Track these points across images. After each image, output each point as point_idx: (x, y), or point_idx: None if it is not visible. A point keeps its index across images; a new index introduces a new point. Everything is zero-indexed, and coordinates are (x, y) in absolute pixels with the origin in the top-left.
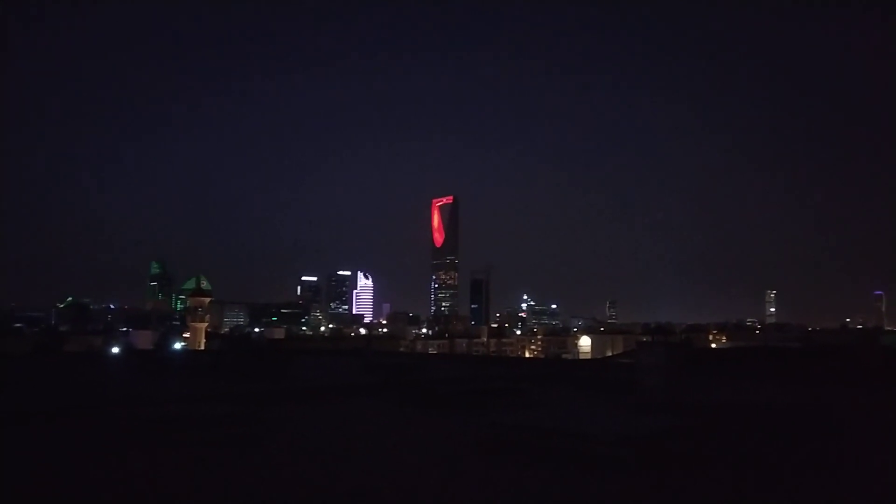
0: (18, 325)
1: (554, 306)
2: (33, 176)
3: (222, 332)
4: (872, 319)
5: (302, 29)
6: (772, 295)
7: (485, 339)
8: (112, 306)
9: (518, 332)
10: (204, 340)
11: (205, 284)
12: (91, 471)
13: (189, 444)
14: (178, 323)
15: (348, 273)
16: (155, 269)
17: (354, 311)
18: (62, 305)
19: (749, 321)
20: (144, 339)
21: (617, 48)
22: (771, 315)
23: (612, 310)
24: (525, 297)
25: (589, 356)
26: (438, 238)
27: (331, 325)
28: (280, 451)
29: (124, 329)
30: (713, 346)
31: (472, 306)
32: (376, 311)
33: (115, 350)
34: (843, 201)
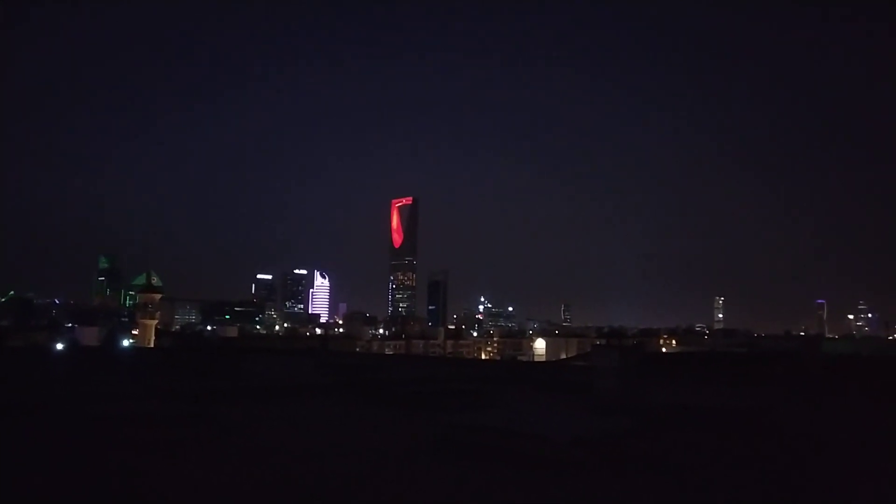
0: None
1: (510, 309)
2: None
3: (173, 329)
4: (814, 327)
5: (262, 29)
6: (720, 301)
7: (441, 341)
8: (57, 301)
9: (475, 334)
10: (154, 338)
11: (155, 280)
12: (40, 471)
13: (142, 443)
14: (126, 320)
15: (305, 272)
16: (103, 263)
17: (310, 311)
18: (3, 299)
19: (698, 326)
20: (91, 336)
21: (574, 51)
22: (719, 321)
23: (566, 313)
24: (482, 299)
25: (544, 358)
26: (397, 239)
27: (286, 325)
28: (235, 451)
29: (69, 325)
30: (664, 350)
31: (430, 307)
32: (332, 311)
33: (60, 346)
34: (789, 213)
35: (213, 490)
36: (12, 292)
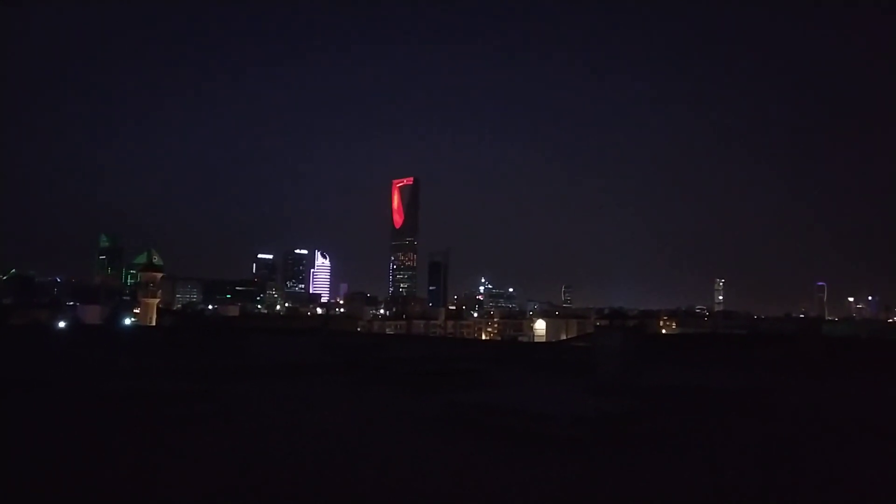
0: None
1: (511, 290)
2: None
3: (174, 308)
4: (814, 309)
5: (264, 12)
6: (720, 283)
7: (442, 321)
8: (58, 279)
9: (475, 315)
10: (155, 316)
11: (157, 259)
12: (51, 447)
13: (150, 420)
14: (128, 298)
15: (305, 252)
16: (104, 242)
17: (311, 291)
18: (5, 277)
19: (698, 308)
20: (93, 314)
21: (579, 36)
22: (719, 303)
23: (567, 294)
24: (483, 280)
25: (544, 339)
26: (398, 219)
27: (287, 304)
28: (241, 429)
29: (71, 303)
30: (664, 331)
31: (430, 288)
32: (333, 291)
33: (62, 324)
34: (790, 195)
35: (218, 467)
36: (14, 270)
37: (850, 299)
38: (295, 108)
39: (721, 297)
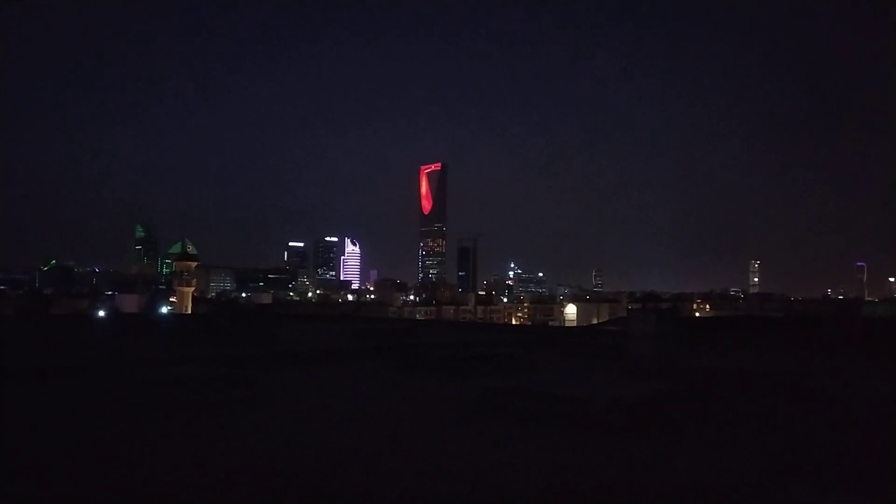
0: (1, 287)
1: (541, 274)
2: (18, 138)
3: (209, 296)
4: (854, 290)
5: (291, 1)
6: (756, 265)
7: (472, 307)
8: (97, 269)
9: (505, 300)
10: (191, 305)
11: (191, 249)
12: (98, 429)
13: (192, 405)
14: (164, 287)
15: (335, 239)
16: (140, 232)
17: (342, 278)
18: (46, 268)
19: (733, 291)
20: (131, 303)
21: (609, 20)
22: (754, 285)
23: (597, 278)
24: (512, 265)
25: (575, 324)
26: (426, 205)
27: (318, 291)
28: (281, 412)
29: (109, 293)
30: (697, 315)
31: (460, 273)
32: (363, 278)
33: (101, 313)
34: (827, 173)
35: (253, 451)
36: (54, 261)
37: (892, 279)
38: (324, 96)
39: (756, 279)
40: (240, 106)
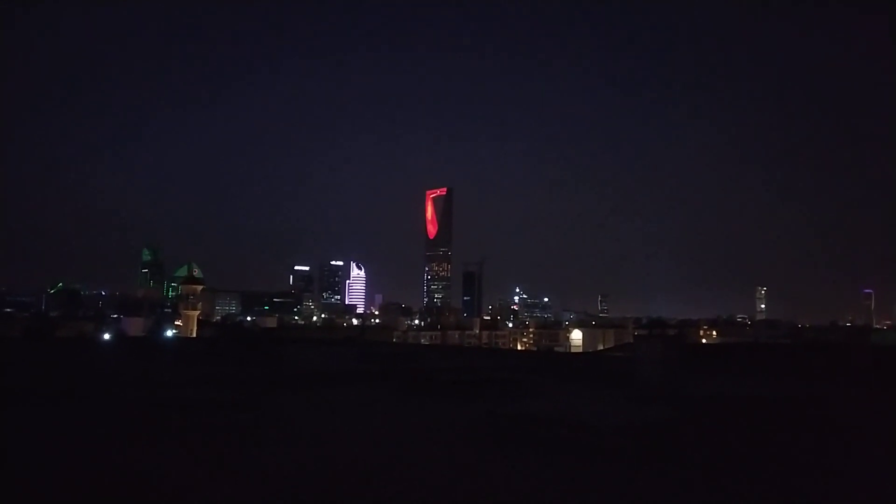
0: (8, 309)
1: (546, 299)
2: (25, 160)
3: (214, 320)
4: (861, 317)
5: (296, 22)
6: (762, 291)
7: (477, 331)
8: (103, 293)
9: (510, 325)
10: (196, 328)
11: (197, 272)
12: (97, 453)
13: (192, 429)
14: (169, 310)
15: (341, 263)
16: (146, 256)
17: (347, 302)
18: (52, 291)
19: (739, 317)
20: (136, 326)
21: (614, 46)
22: (761, 311)
23: (603, 304)
24: (517, 289)
25: (580, 350)
26: (432, 229)
27: (323, 315)
28: (280, 437)
29: (115, 316)
30: (703, 341)
31: (465, 298)
32: (369, 302)
33: (107, 336)
34: (834, 200)
35: (252, 476)
36: (61, 284)
37: None
38: (328, 120)
39: (763, 306)
40: (246, 130)
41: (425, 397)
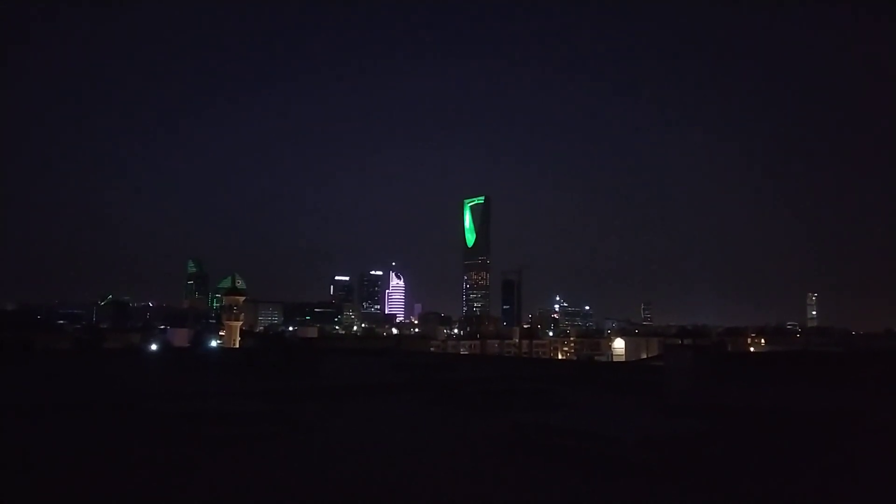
0: (61, 321)
1: (587, 308)
2: (76, 178)
3: (257, 330)
4: None
5: (335, 31)
6: (813, 298)
7: (516, 340)
8: (150, 304)
9: (551, 334)
10: (239, 338)
11: (240, 283)
12: (126, 463)
13: (222, 439)
14: (213, 321)
15: (380, 273)
16: (191, 268)
17: (386, 311)
18: (102, 303)
19: (790, 325)
20: (181, 337)
21: (651, 55)
22: (812, 318)
23: (646, 312)
24: (558, 298)
25: (623, 359)
26: (470, 238)
27: (363, 325)
28: (313, 448)
29: (162, 327)
30: (751, 349)
31: (504, 307)
32: (408, 311)
33: (153, 347)
34: (888, 203)
35: (284, 486)
36: (111, 296)
37: None
38: (367, 131)
39: (814, 313)
40: (289, 143)
41: (454, 408)
